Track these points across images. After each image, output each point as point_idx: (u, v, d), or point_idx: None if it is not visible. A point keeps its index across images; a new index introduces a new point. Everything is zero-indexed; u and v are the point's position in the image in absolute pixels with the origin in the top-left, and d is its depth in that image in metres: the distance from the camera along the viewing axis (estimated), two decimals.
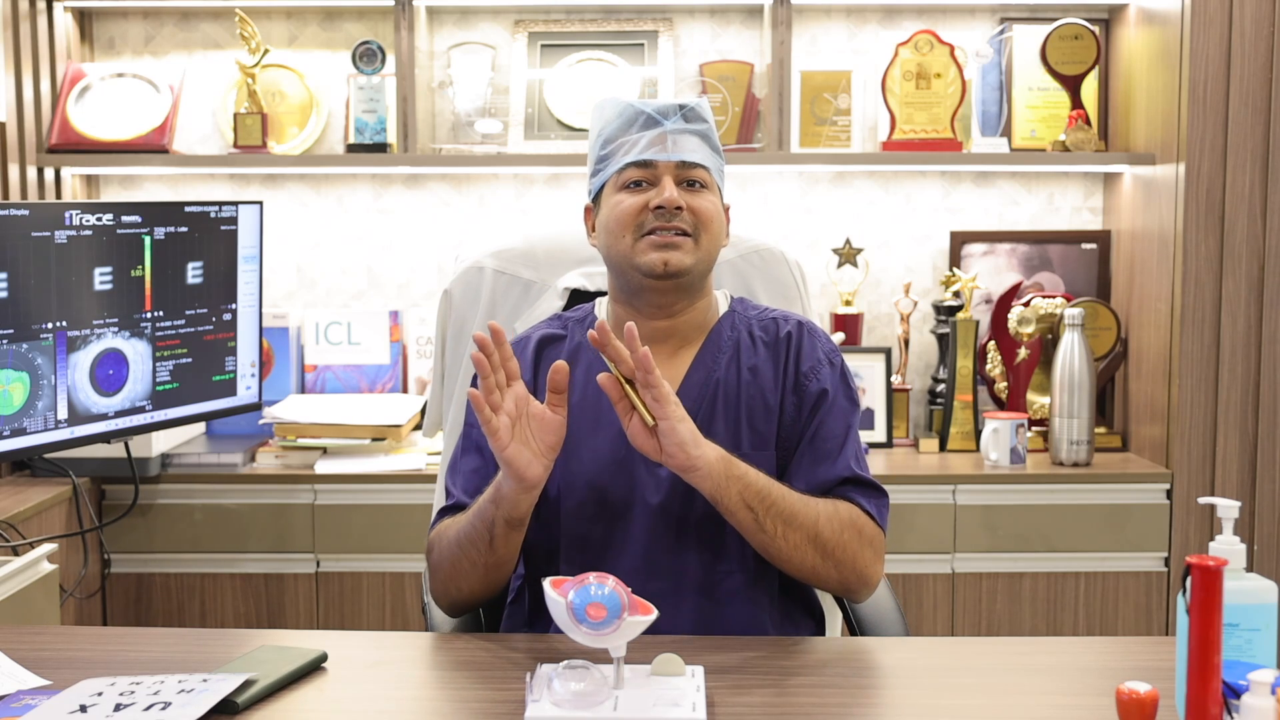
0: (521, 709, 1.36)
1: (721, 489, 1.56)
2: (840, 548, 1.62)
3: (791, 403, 1.72)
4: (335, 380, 3.22)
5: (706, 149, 1.73)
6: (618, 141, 1.72)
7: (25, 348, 2.18)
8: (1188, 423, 2.88)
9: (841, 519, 1.63)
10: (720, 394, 1.71)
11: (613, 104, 1.76)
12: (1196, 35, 2.81)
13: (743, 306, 1.81)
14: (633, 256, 1.68)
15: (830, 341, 1.78)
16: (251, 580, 2.88)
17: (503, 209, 3.28)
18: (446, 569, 1.67)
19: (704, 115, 1.75)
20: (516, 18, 3.25)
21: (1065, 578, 2.90)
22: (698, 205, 1.69)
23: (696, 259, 1.68)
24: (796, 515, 1.59)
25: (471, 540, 1.61)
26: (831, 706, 1.40)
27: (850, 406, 1.74)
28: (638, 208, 1.68)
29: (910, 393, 3.23)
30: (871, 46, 3.26)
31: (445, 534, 1.68)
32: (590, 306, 1.83)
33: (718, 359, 1.73)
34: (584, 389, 1.72)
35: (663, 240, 1.67)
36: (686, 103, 1.74)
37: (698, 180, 1.70)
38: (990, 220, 3.30)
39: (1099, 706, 1.38)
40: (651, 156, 1.69)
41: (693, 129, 1.72)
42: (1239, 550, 1.33)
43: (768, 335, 1.76)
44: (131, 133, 3.11)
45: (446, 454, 2.05)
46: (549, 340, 1.78)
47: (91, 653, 1.59)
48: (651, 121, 1.71)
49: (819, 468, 1.69)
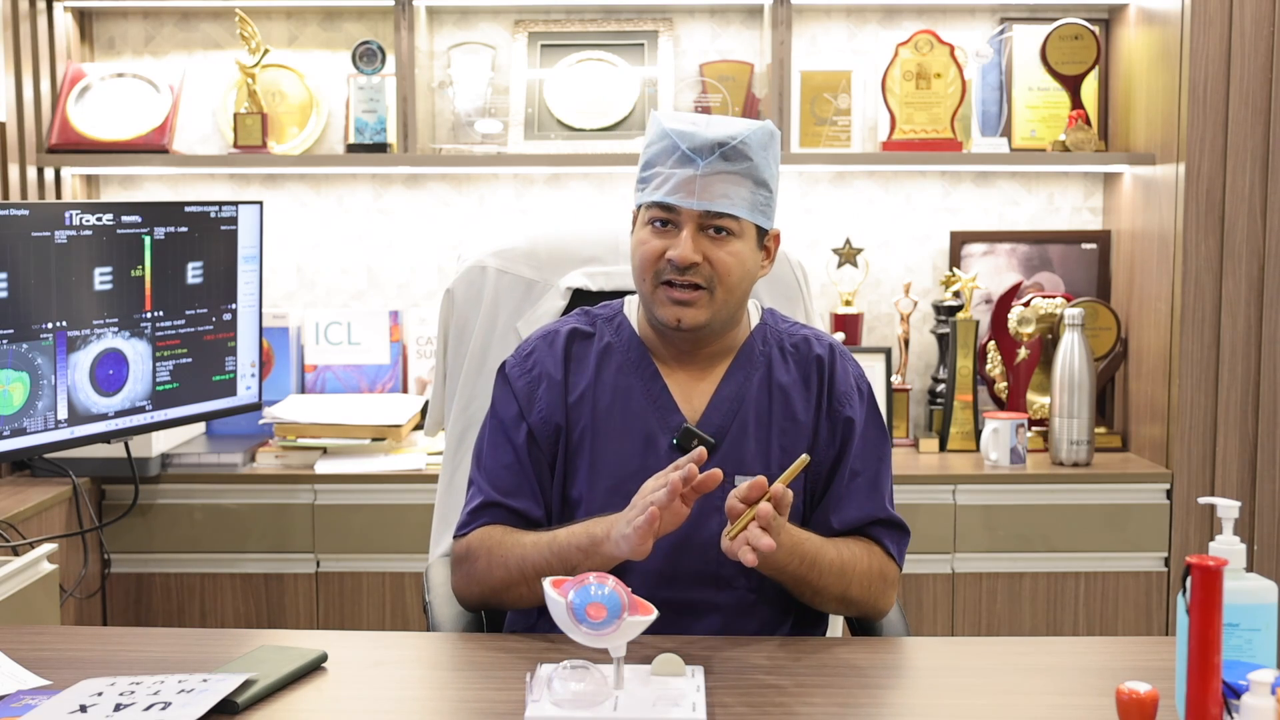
0: (521, 709, 1.36)
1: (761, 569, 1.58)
2: (865, 596, 1.69)
3: (825, 428, 1.73)
4: (335, 380, 3.22)
5: (746, 188, 1.65)
6: (655, 169, 1.67)
7: (25, 348, 2.18)
8: (1188, 423, 2.88)
9: (872, 572, 1.69)
10: (752, 412, 1.71)
11: (657, 125, 1.69)
12: (1196, 35, 2.81)
13: (774, 320, 1.81)
14: (652, 304, 1.68)
15: (859, 366, 1.80)
16: (251, 580, 2.88)
17: (503, 209, 3.28)
18: (495, 585, 1.66)
19: (750, 152, 1.64)
20: (516, 18, 3.25)
21: (1065, 578, 2.90)
22: (717, 257, 1.64)
23: (712, 314, 1.66)
24: (828, 589, 1.65)
25: (541, 575, 1.56)
26: (831, 706, 1.40)
27: (881, 436, 1.77)
28: (656, 254, 1.65)
29: (910, 393, 3.23)
30: (871, 46, 3.25)
31: (496, 551, 1.65)
32: (619, 305, 1.81)
33: (750, 375, 1.73)
34: (611, 391, 1.72)
35: (678, 295, 1.65)
36: (730, 139, 1.64)
37: (724, 228, 1.64)
38: (990, 220, 3.30)
39: (1099, 706, 1.38)
40: (675, 202, 1.64)
41: (731, 169, 1.63)
42: (1239, 550, 1.33)
43: (799, 353, 1.76)
44: (131, 133, 3.11)
45: (448, 454, 2.05)
46: (578, 335, 1.77)
47: (91, 653, 1.59)
48: (686, 159, 1.64)
49: (854, 506, 1.72)
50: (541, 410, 1.72)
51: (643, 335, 1.75)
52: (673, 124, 1.66)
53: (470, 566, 1.68)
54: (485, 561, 1.66)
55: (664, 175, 1.65)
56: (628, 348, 1.74)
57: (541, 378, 1.73)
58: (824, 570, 1.63)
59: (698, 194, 1.63)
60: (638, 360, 1.73)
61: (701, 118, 1.68)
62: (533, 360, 1.75)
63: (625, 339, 1.75)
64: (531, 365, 1.75)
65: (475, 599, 1.70)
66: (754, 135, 1.66)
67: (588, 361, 1.74)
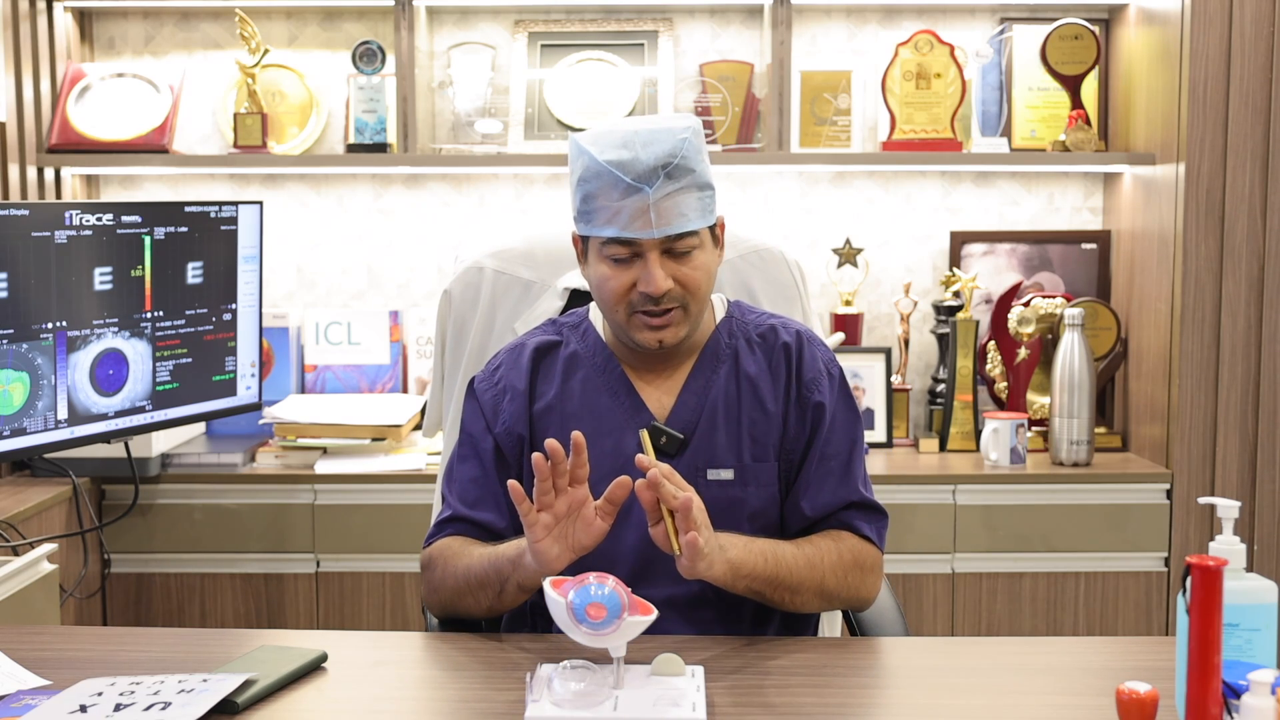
0: (521, 709, 1.36)
1: (730, 587, 1.59)
2: (843, 589, 1.67)
3: (795, 415, 1.72)
4: (335, 380, 3.22)
5: (694, 198, 1.62)
6: (598, 203, 1.62)
7: (25, 348, 2.18)
8: (1188, 423, 2.88)
9: (845, 563, 1.67)
10: (720, 406, 1.71)
11: (585, 157, 1.63)
12: (1196, 35, 2.81)
13: (740, 311, 1.80)
14: (628, 329, 1.67)
15: (829, 350, 1.78)
16: (251, 580, 2.88)
17: (503, 209, 3.28)
18: (448, 595, 1.68)
19: (690, 164, 1.61)
20: (516, 18, 3.25)
21: (1065, 578, 2.90)
22: (685, 276, 1.63)
23: (689, 327, 1.68)
24: (803, 584, 1.63)
25: (482, 585, 1.63)
26: (831, 706, 1.40)
27: (852, 419, 1.75)
28: (625, 288, 1.64)
29: (910, 393, 3.23)
30: (871, 46, 3.25)
31: (451, 561, 1.68)
32: (584, 312, 1.82)
33: (716, 369, 1.73)
34: (579, 397, 1.73)
35: (655, 322, 1.64)
36: (670, 159, 1.59)
37: (686, 247, 1.63)
38: (990, 220, 3.30)
39: (1099, 706, 1.38)
40: (634, 235, 1.60)
41: (679, 185, 1.60)
42: (1239, 550, 1.33)
43: (765, 343, 1.75)
44: (131, 133, 3.11)
45: (445, 454, 2.05)
46: (546, 348, 1.78)
47: (91, 653, 1.59)
48: (632, 189, 1.59)
49: (825, 490, 1.71)
50: (505, 421, 1.73)
51: (608, 340, 1.76)
52: (606, 154, 1.60)
53: (429, 575, 1.72)
54: (441, 571, 1.69)
55: (612, 209, 1.60)
56: (594, 353, 1.75)
57: (506, 390, 1.75)
58: (791, 566, 1.61)
59: (655, 222, 1.59)
60: (604, 365, 1.74)
61: (629, 133, 1.61)
62: (499, 374, 1.77)
63: (591, 344, 1.76)
64: (498, 379, 1.77)
65: (436, 608, 1.73)
66: (688, 143, 1.61)
67: (554, 370, 1.75)
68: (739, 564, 1.57)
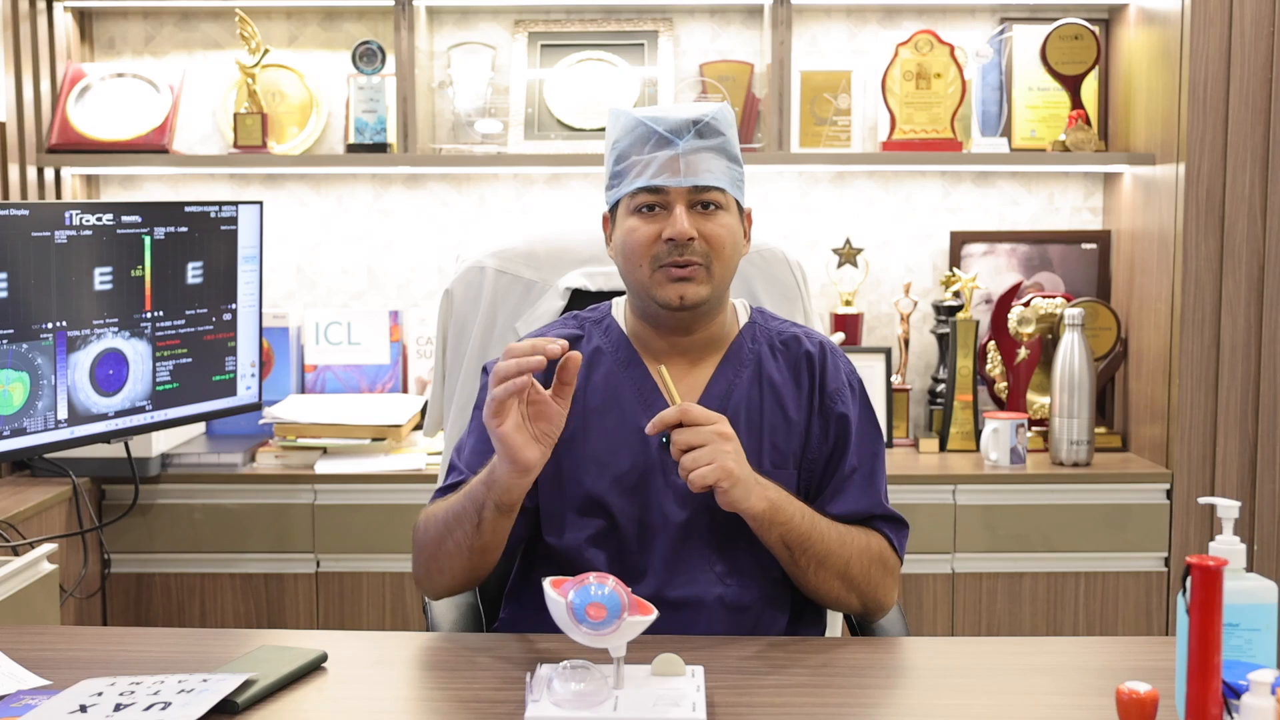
0: (521, 709, 1.36)
1: (764, 531, 1.60)
2: (866, 581, 1.68)
3: (818, 425, 1.73)
4: (335, 380, 3.22)
5: (723, 162, 1.68)
6: (630, 160, 1.67)
7: (25, 348, 2.18)
8: (1188, 423, 2.88)
9: (872, 554, 1.68)
10: (743, 409, 1.71)
11: (624, 118, 1.70)
12: (1196, 35, 2.81)
13: (763, 318, 1.81)
14: (650, 288, 1.67)
15: (850, 362, 1.79)
16: (251, 580, 2.88)
17: (503, 209, 3.28)
18: (431, 548, 1.65)
19: (720, 127, 1.68)
20: (516, 18, 3.25)
21: (1065, 578, 2.90)
22: (710, 231, 1.66)
23: (711, 288, 1.67)
24: (831, 555, 1.64)
25: (459, 519, 1.59)
26: (831, 706, 1.40)
27: (874, 431, 1.76)
28: (651, 238, 1.66)
29: (910, 393, 3.23)
30: (871, 46, 3.26)
31: (435, 513, 1.66)
32: (607, 307, 1.81)
33: (739, 372, 1.73)
34: (602, 392, 1.72)
35: (678, 273, 1.65)
36: (701, 117, 1.67)
37: (712, 202, 1.66)
38: (990, 220, 3.30)
39: (1099, 706, 1.38)
40: (662, 183, 1.65)
41: (708, 144, 1.66)
42: (1239, 550, 1.33)
43: (789, 350, 1.76)
44: (131, 133, 3.11)
45: (447, 454, 2.05)
46: (568, 340, 1.77)
47: (91, 653, 1.59)
48: (664, 141, 1.65)
49: (849, 501, 1.71)
50: None
51: (631, 335, 1.76)
52: (641, 113, 1.69)
53: (416, 538, 1.69)
54: (423, 531, 1.67)
55: (644, 161, 1.66)
56: (617, 349, 1.75)
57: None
58: (825, 534, 1.63)
59: (684, 171, 1.65)
60: (627, 360, 1.74)
61: (663, 105, 1.70)
62: None
63: (614, 340, 1.76)
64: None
65: (423, 575, 1.69)
66: (721, 112, 1.69)
67: None
68: (779, 506, 1.59)
